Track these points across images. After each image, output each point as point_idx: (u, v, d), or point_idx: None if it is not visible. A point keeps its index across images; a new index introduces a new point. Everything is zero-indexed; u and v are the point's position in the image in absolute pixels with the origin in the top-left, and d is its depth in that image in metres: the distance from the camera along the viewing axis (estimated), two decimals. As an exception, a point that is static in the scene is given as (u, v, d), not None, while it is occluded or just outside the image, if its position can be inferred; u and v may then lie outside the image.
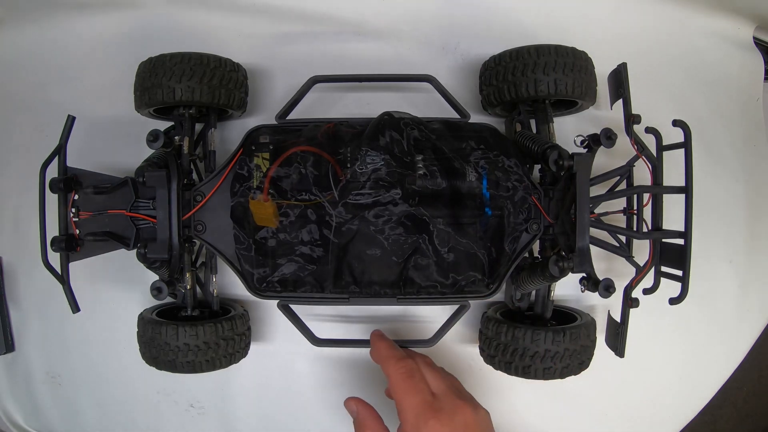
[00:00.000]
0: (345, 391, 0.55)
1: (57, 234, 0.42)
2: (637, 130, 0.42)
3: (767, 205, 0.57)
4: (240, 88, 0.48)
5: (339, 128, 0.45)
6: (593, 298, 0.54)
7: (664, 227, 0.45)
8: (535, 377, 0.44)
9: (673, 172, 0.44)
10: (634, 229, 0.46)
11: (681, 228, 0.43)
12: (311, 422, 0.56)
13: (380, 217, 0.42)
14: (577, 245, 0.41)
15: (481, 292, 0.45)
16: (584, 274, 0.44)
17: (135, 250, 0.45)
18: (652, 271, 0.45)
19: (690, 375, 0.56)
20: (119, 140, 0.54)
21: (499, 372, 0.47)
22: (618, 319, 0.43)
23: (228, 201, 0.44)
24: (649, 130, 0.44)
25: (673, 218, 0.44)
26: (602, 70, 0.47)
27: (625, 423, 0.56)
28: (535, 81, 0.45)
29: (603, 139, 0.41)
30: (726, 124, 0.56)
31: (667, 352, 0.56)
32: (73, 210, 0.43)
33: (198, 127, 0.51)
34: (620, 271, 0.52)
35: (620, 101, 0.43)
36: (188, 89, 0.45)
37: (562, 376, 0.44)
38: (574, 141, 0.44)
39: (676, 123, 0.43)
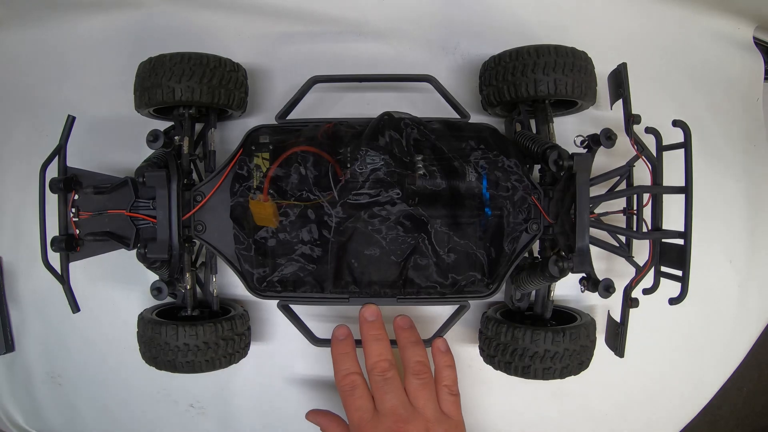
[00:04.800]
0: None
1: (57, 234, 0.42)
2: (637, 130, 0.42)
3: (767, 205, 0.57)
4: (240, 88, 0.48)
5: (339, 128, 0.45)
6: (593, 298, 0.54)
7: (664, 227, 0.45)
8: (535, 377, 0.44)
9: (673, 172, 0.44)
10: (634, 229, 0.46)
11: (681, 228, 0.43)
12: (311, 422, 0.56)
13: (378, 216, 0.42)
14: (576, 245, 0.41)
15: (480, 292, 0.45)
16: (584, 274, 0.44)
17: (135, 250, 0.45)
18: (652, 271, 0.45)
19: (690, 375, 0.56)
20: (119, 140, 0.54)
21: (499, 372, 0.47)
22: (618, 319, 0.43)
23: (228, 201, 0.44)
24: (649, 130, 0.44)
25: (673, 218, 0.44)
26: (602, 70, 0.47)
27: (625, 423, 0.56)
28: (535, 81, 0.45)
29: (603, 139, 0.41)
30: (726, 124, 0.56)
31: (667, 352, 0.56)
32: (73, 210, 0.43)
33: (198, 127, 0.51)
34: (620, 271, 0.52)
35: (620, 101, 0.43)
36: (188, 89, 0.45)
37: (562, 376, 0.44)
38: (574, 141, 0.44)
39: (676, 123, 0.43)
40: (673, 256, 0.44)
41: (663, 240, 0.44)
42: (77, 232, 0.43)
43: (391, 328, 0.46)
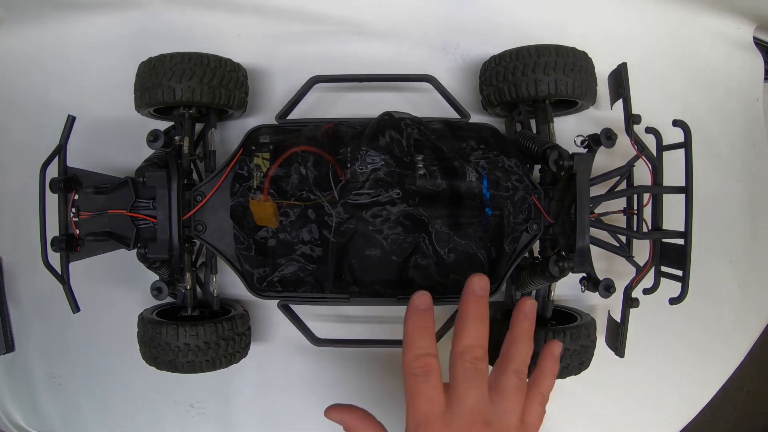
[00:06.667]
0: (345, 391, 0.55)
1: (57, 234, 0.42)
2: (637, 130, 0.42)
3: (767, 205, 0.57)
4: (240, 88, 0.48)
5: (339, 128, 0.45)
6: (593, 298, 0.54)
7: (664, 227, 0.45)
8: (536, 377, 0.44)
9: (673, 172, 0.44)
10: (634, 229, 0.46)
11: (681, 228, 0.43)
12: (311, 422, 0.56)
13: (378, 216, 0.42)
14: (577, 245, 0.41)
15: (481, 292, 0.45)
16: (584, 274, 0.44)
17: (135, 250, 0.45)
18: (652, 271, 0.45)
19: (690, 375, 0.56)
20: (119, 140, 0.54)
21: (499, 372, 0.47)
22: (618, 319, 0.43)
23: (228, 201, 0.44)
24: (649, 130, 0.44)
25: (673, 218, 0.44)
26: (602, 70, 0.47)
27: (625, 423, 0.56)
28: (535, 81, 0.45)
29: (603, 139, 0.41)
30: (726, 124, 0.56)
31: (667, 352, 0.56)
32: (73, 210, 0.43)
33: (198, 127, 0.51)
34: (620, 271, 0.52)
35: (620, 101, 0.43)
36: (188, 89, 0.45)
37: (563, 376, 0.44)
38: (574, 141, 0.44)
39: (676, 123, 0.43)
40: (673, 256, 0.44)
41: (663, 240, 0.44)
42: (77, 232, 0.43)
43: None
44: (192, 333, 0.44)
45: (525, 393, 0.38)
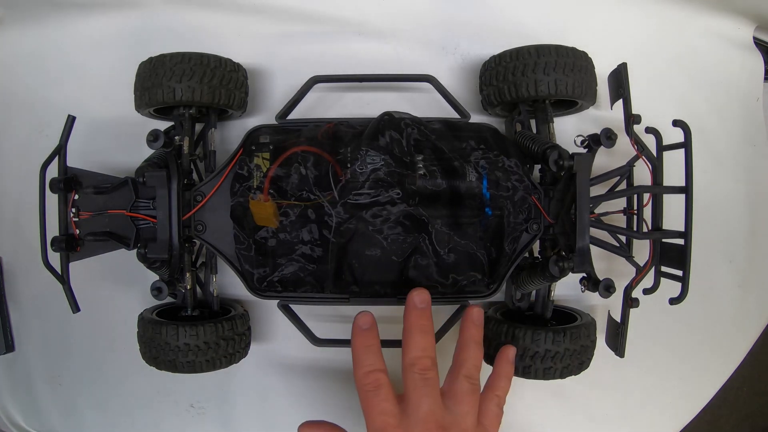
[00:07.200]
0: (345, 392, 0.55)
1: (57, 234, 0.42)
2: (637, 130, 0.42)
3: (767, 205, 0.57)
4: (240, 88, 0.48)
5: (339, 128, 0.45)
6: (593, 298, 0.54)
7: (664, 227, 0.45)
8: (536, 377, 0.44)
9: (673, 172, 0.44)
10: (634, 229, 0.46)
11: (681, 228, 0.43)
12: (311, 422, 0.56)
13: (378, 216, 0.42)
14: (577, 245, 0.41)
15: (481, 292, 0.45)
16: (584, 274, 0.44)
17: (135, 250, 0.45)
18: (652, 271, 0.45)
19: (690, 375, 0.56)
20: (119, 140, 0.54)
21: (499, 372, 0.47)
22: (618, 319, 0.43)
23: (228, 201, 0.44)
24: (649, 130, 0.44)
25: (673, 218, 0.44)
26: (602, 70, 0.47)
27: (625, 423, 0.56)
28: (535, 81, 0.45)
29: (603, 139, 0.41)
30: (726, 124, 0.56)
31: (667, 352, 0.56)
32: (73, 210, 0.43)
33: (198, 127, 0.51)
34: (620, 271, 0.52)
35: (620, 101, 0.43)
36: (188, 89, 0.45)
37: (563, 376, 0.44)
38: (574, 141, 0.44)
39: (676, 123, 0.43)
40: (673, 256, 0.44)
41: (663, 240, 0.44)
42: (77, 232, 0.43)
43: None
44: (192, 333, 0.44)
45: (479, 396, 0.39)
